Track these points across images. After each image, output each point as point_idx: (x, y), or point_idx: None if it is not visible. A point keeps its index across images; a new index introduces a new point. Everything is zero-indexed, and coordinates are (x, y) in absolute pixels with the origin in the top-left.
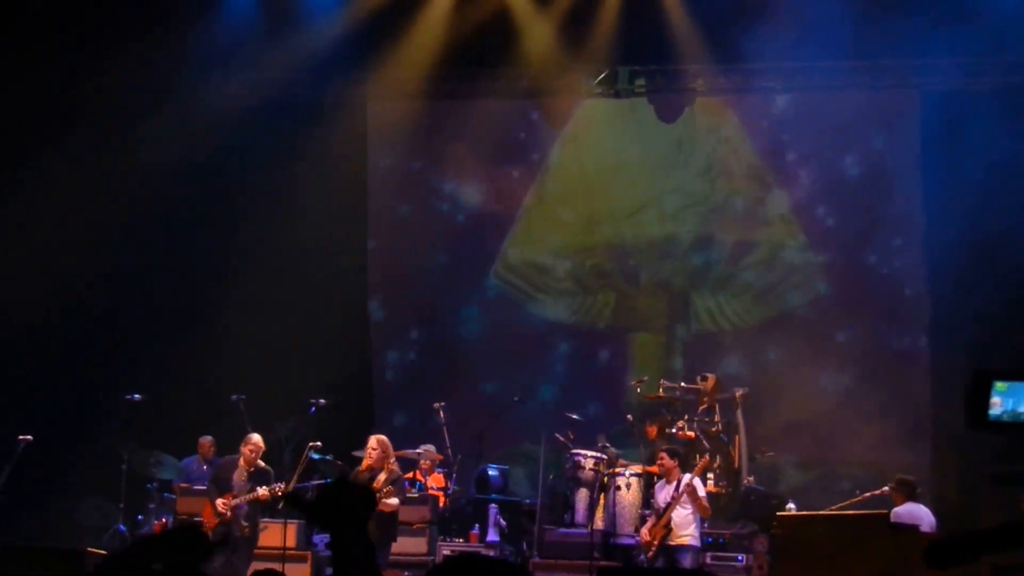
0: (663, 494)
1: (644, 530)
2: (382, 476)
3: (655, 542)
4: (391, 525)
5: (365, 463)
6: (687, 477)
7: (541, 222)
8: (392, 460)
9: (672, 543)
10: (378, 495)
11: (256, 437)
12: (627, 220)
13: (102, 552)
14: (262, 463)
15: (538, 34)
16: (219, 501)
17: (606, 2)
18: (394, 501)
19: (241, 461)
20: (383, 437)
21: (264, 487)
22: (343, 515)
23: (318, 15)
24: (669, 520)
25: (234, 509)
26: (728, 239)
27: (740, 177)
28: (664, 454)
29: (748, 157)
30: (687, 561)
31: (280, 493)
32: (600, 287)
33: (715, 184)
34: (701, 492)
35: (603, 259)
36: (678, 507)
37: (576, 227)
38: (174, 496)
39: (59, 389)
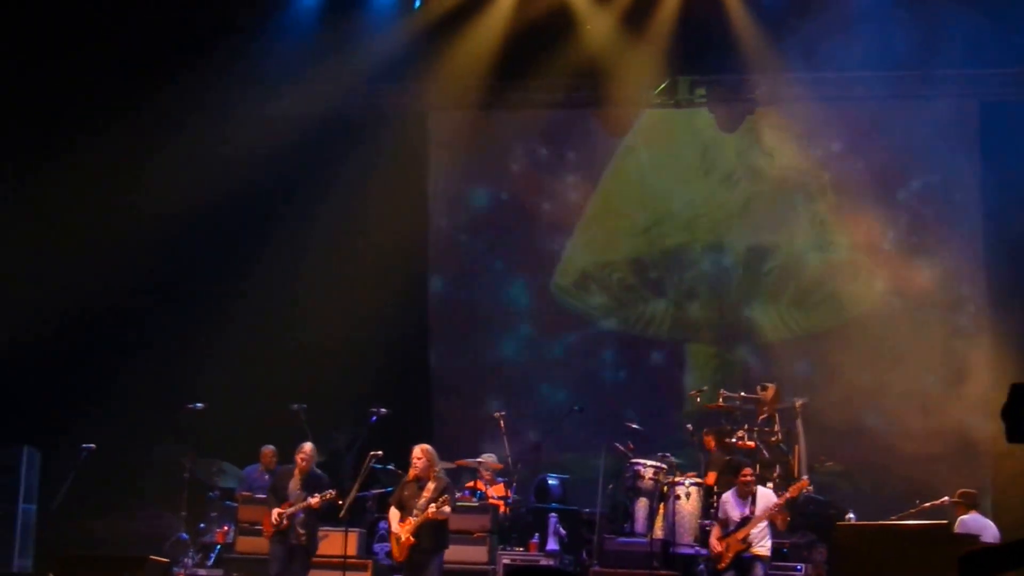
0: (740, 509)
1: (714, 540)
2: (431, 485)
3: (729, 554)
4: (443, 533)
5: (412, 473)
6: (766, 492)
7: (599, 231)
8: (438, 468)
9: (746, 556)
10: (431, 506)
11: (309, 446)
12: (685, 230)
13: (164, 560)
14: (317, 470)
15: (599, 43)
16: (275, 511)
17: (667, 12)
18: (448, 509)
19: (296, 470)
20: (427, 446)
21: (316, 495)
22: None
23: (378, 26)
24: (748, 535)
25: (290, 517)
26: (786, 248)
27: (798, 187)
28: (750, 469)
29: (806, 167)
30: (760, 572)
31: (330, 499)
32: (657, 297)
33: (773, 194)
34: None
35: (661, 269)
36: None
37: (634, 237)
38: (236, 505)
39: (122, 398)
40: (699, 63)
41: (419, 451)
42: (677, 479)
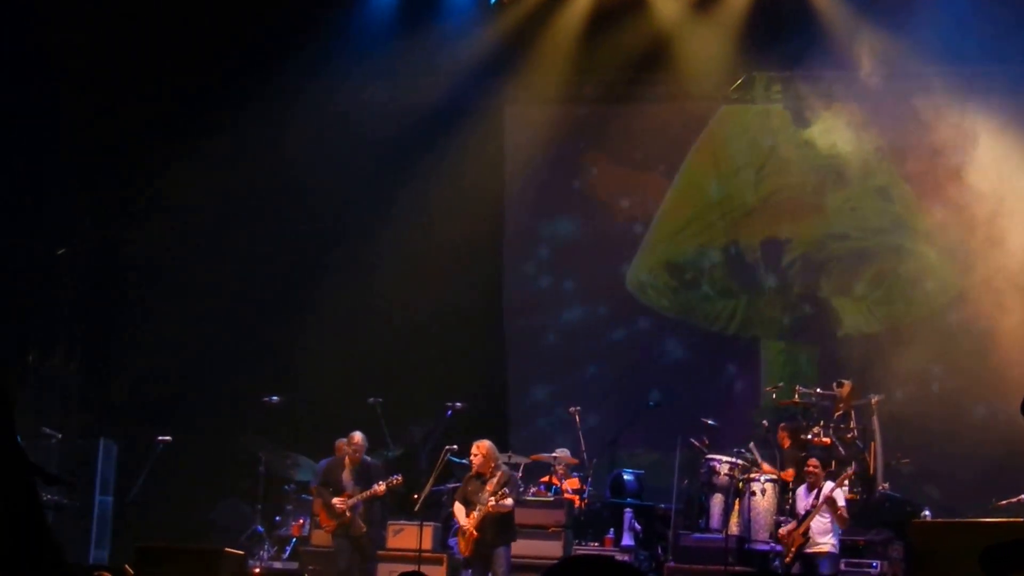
0: (805, 501)
1: (782, 532)
2: (493, 479)
3: (793, 548)
4: (509, 526)
5: (473, 469)
6: (828, 486)
7: (676, 228)
8: (499, 461)
9: (810, 551)
10: (491, 499)
11: (359, 435)
12: (760, 225)
13: (240, 552)
14: (368, 458)
15: (677, 40)
16: (336, 501)
17: (745, 8)
18: (509, 502)
19: (346, 460)
20: (485, 442)
21: (380, 482)
22: None
23: (457, 20)
24: (808, 528)
25: (352, 508)
26: (862, 242)
27: (873, 181)
28: (815, 460)
29: (881, 161)
30: (826, 568)
31: (396, 484)
32: (732, 292)
33: (848, 188)
34: (841, 502)
35: (736, 264)
36: (817, 516)
37: (709, 232)
38: (311, 498)
39: (198, 391)
40: (775, 59)
41: (476, 447)
42: (753, 475)
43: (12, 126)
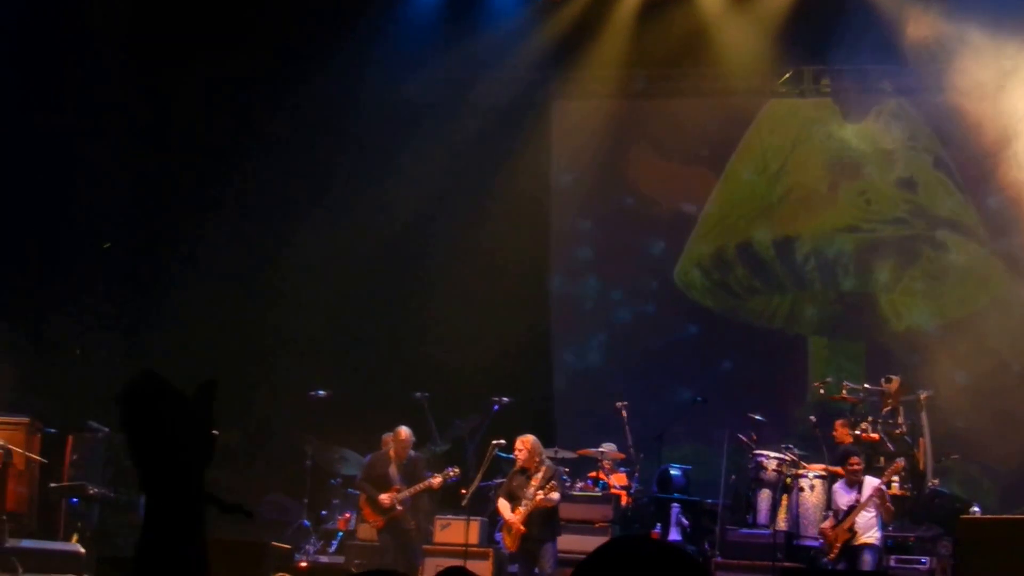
0: (847, 497)
1: (826, 527)
2: (538, 474)
3: (837, 544)
4: (554, 521)
5: (518, 464)
6: (873, 481)
7: (722, 223)
8: (543, 456)
9: (855, 544)
10: (539, 493)
11: (405, 430)
12: (809, 221)
13: (286, 547)
14: (413, 453)
15: (724, 33)
16: (383, 496)
17: (792, 1)
18: (556, 495)
19: (391, 454)
20: (529, 436)
21: (436, 475)
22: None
23: (504, 16)
24: (853, 523)
25: (402, 503)
26: (911, 237)
27: (927, 175)
28: (857, 458)
29: (930, 158)
30: (870, 562)
31: (453, 476)
32: (779, 288)
33: (897, 182)
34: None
35: (783, 259)
36: (863, 510)
37: (756, 228)
38: (357, 492)
39: (245, 385)
40: (825, 52)
41: (520, 442)
42: (801, 471)
43: (52, 111)
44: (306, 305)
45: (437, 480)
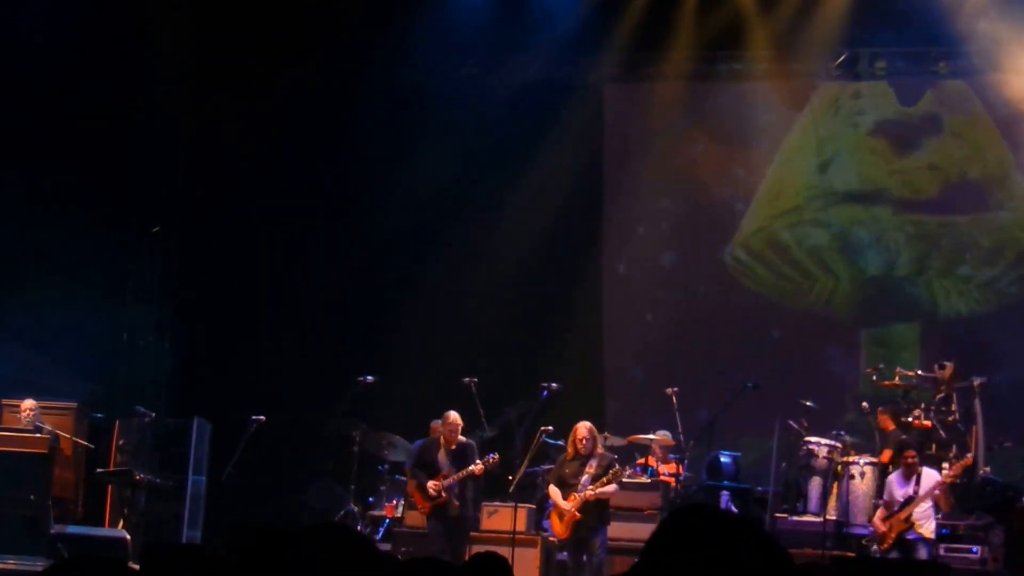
0: (903, 489)
1: (877, 520)
2: (593, 462)
3: (892, 534)
4: (607, 509)
5: (571, 451)
6: (933, 474)
7: (776, 206)
8: (599, 444)
9: (909, 536)
10: (600, 481)
11: (454, 415)
12: (859, 205)
13: None
14: (463, 438)
15: (779, 15)
16: (430, 484)
17: None
18: (613, 487)
19: (441, 440)
20: (587, 423)
21: (478, 462)
22: None
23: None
24: (910, 515)
25: (447, 489)
26: (965, 223)
27: (985, 160)
28: (913, 452)
29: (989, 141)
30: (924, 553)
31: (494, 463)
32: (832, 273)
33: (954, 167)
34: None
35: (836, 243)
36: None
37: (811, 212)
38: (405, 479)
39: (293, 371)
40: (879, 35)
41: (585, 430)
42: (851, 458)
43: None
44: (354, 290)
45: (479, 467)
